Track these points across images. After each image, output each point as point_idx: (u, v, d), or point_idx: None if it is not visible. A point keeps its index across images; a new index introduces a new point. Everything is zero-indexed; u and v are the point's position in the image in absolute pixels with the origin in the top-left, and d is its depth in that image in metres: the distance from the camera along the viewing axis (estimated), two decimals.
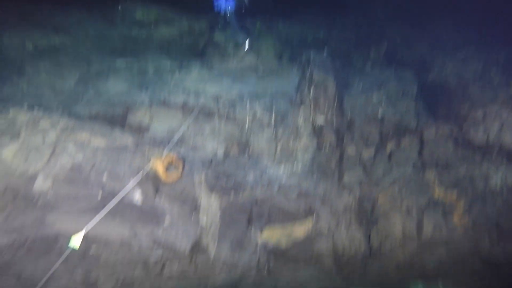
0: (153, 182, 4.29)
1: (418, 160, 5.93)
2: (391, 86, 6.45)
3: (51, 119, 4.44)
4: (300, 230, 4.90)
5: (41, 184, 3.83)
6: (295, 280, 5.30)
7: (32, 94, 5.22)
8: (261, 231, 4.76)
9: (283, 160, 5.29)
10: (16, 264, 3.67)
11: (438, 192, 5.58)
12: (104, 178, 4.08)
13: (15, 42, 5.85)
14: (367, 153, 5.96)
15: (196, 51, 7.21)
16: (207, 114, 5.42)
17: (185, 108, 5.38)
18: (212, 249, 4.40)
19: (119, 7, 6.99)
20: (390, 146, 6.12)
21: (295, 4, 8.47)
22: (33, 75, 5.47)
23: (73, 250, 3.67)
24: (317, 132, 5.68)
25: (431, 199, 5.47)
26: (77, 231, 3.67)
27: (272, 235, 4.79)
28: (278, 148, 5.39)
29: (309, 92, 5.83)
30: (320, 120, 5.70)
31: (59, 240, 3.67)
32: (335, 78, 5.98)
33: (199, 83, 5.96)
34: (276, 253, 4.75)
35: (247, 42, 6.91)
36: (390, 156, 6.00)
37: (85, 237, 3.72)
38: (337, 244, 4.94)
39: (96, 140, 4.36)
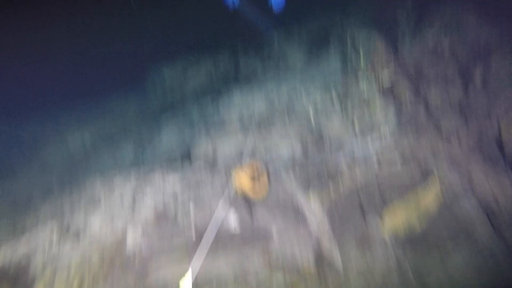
0: (244, 200, 3.79)
1: None
2: (447, 11, 5.56)
3: (122, 175, 4.33)
4: (428, 196, 3.92)
5: (133, 241, 3.52)
6: (446, 272, 4.15)
7: (99, 170, 5.30)
8: (381, 216, 3.90)
9: (368, 132, 4.55)
10: None
11: None
12: (192, 213, 3.67)
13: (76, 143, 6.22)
14: (456, 90, 5.00)
15: (230, 81, 7.11)
16: (267, 121, 4.99)
17: (243, 125, 5.03)
18: (336, 257, 3.60)
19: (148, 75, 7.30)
20: (478, 72, 5.09)
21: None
22: (96, 154, 5.61)
23: None
24: (387, 91, 4.94)
25: None
26: (183, 274, 3.21)
27: (396, 217, 3.87)
28: (356, 123, 4.70)
29: (359, 57, 5.23)
30: (385, 78, 4.99)
31: None
32: (378, 31, 5.37)
33: (246, 102, 5.66)
34: (412, 241, 3.75)
35: (274, 46, 6.70)
36: (484, 82, 4.97)
37: (195, 281, 3.24)
38: (483, 200, 3.83)
39: (170, 177, 4.08)
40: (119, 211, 3.84)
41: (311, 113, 4.97)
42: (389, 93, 4.80)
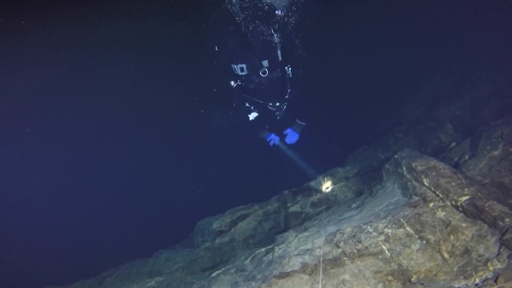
0: None
1: None
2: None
3: None
4: None
5: None
6: None
7: None
8: None
9: (465, 258, 3.70)
10: None
11: None
12: None
13: None
14: None
15: (283, 229, 6.72)
16: (334, 262, 4.29)
17: (306, 268, 4.31)
18: None
19: (197, 228, 7.10)
20: None
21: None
22: None
23: None
24: (473, 217, 4.30)
25: None
26: None
27: None
28: (444, 253, 3.89)
29: (423, 184, 4.88)
30: (465, 203, 4.45)
31: None
32: (435, 158, 5.18)
33: (305, 244, 5.11)
34: None
35: (323, 185, 6.54)
36: None
37: None
38: None
39: None
40: None
41: (384, 247, 4.28)
42: (477, 218, 4.14)
